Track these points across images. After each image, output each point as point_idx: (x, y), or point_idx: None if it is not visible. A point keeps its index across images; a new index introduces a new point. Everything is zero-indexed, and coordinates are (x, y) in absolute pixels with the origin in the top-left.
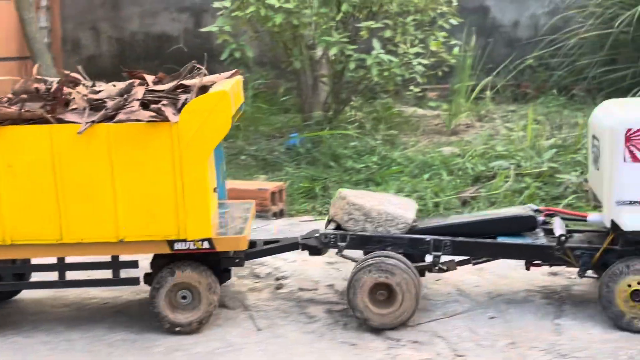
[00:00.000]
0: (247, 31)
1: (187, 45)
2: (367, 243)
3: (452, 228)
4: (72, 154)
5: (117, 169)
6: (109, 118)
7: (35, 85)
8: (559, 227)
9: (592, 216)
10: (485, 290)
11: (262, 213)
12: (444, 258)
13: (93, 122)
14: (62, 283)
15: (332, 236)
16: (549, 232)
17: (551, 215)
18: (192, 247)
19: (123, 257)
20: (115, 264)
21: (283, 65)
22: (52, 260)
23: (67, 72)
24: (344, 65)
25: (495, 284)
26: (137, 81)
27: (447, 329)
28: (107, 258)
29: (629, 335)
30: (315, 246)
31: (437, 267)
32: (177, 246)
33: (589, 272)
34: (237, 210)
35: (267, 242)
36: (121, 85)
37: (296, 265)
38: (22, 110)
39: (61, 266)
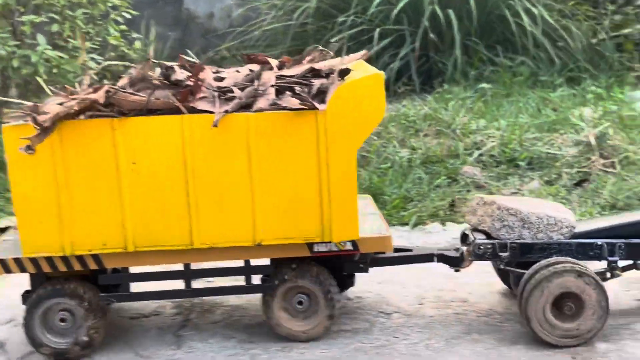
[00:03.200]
0: None
1: None
2: (529, 252)
3: (616, 230)
4: (206, 147)
5: (256, 164)
6: (244, 107)
7: (150, 71)
8: None
9: None
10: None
11: None
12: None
13: (227, 111)
14: (190, 292)
15: (488, 246)
16: None
17: None
18: (333, 248)
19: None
20: (247, 270)
21: None
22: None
23: (184, 56)
24: (5, 63)
25: None
26: (261, 66)
27: None
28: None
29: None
30: (456, 257)
31: (610, 274)
32: (317, 248)
33: None
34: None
35: (396, 250)
36: (244, 70)
37: None
38: (152, 99)
39: (187, 273)
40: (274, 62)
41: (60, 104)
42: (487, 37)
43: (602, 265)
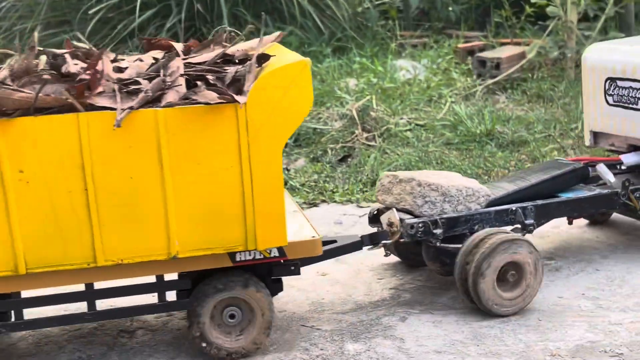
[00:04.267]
0: None
1: None
2: (455, 225)
3: (521, 193)
4: (108, 150)
5: (168, 166)
6: (151, 102)
7: (35, 60)
8: (609, 173)
9: (628, 157)
10: None
11: None
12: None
13: (131, 108)
14: (95, 315)
15: (420, 225)
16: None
17: (591, 165)
18: (257, 256)
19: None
20: (161, 286)
21: None
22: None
23: (74, 42)
24: None
25: None
26: (166, 53)
27: None
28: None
29: None
30: (384, 232)
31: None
32: (240, 257)
33: None
34: None
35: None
36: (147, 59)
37: None
38: (41, 95)
39: (90, 294)
40: (178, 47)
41: None
42: (256, 6)
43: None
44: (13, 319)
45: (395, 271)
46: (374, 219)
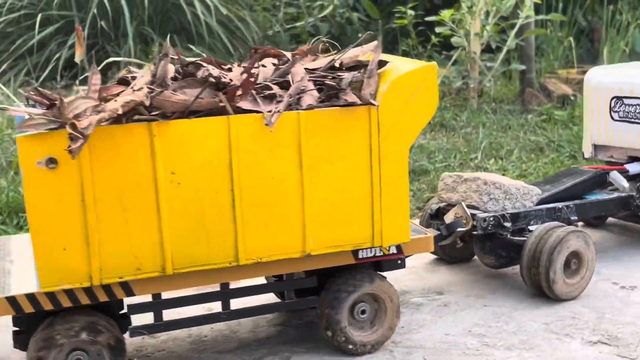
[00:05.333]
0: None
1: None
2: (516, 220)
3: (559, 194)
4: (253, 151)
5: (307, 166)
6: (290, 105)
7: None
8: (623, 180)
9: (634, 166)
10: None
11: None
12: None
13: (279, 111)
14: (229, 314)
15: (491, 219)
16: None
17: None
18: (378, 253)
19: None
20: (290, 284)
21: None
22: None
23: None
24: None
25: None
26: (290, 59)
27: None
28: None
29: None
30: (458, 221)
31: None
32: (363, 254)
33: None
34: None
35: None
36: (268, 64)
37: None
38: (197, 99)
39: (226, 294)
40: (288, 55)
41: (96, 106)
42: (164, 25)
43: None
44: (153, 321)
45: None
46: (435, 215)
